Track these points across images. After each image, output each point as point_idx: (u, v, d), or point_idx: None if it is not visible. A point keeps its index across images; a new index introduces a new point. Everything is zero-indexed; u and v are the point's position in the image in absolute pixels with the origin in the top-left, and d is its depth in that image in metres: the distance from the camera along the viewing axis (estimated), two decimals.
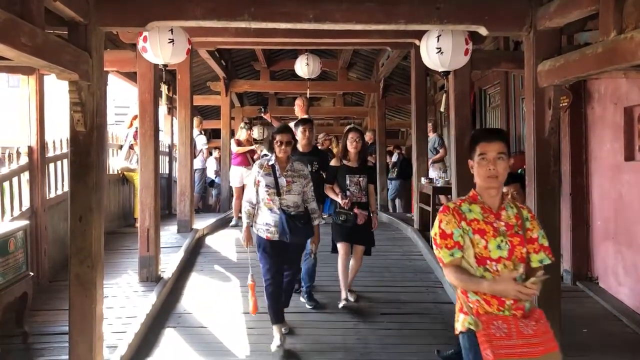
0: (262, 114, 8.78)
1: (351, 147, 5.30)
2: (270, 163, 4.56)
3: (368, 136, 10.36)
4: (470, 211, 2.56)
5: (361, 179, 5.32)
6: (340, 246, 5.31)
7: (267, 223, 4.50)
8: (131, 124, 8.42)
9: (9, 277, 4.32)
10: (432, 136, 9.59)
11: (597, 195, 5.90)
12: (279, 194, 4.47)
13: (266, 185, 4.49)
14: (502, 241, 2.49)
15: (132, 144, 8.30)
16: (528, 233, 2.58)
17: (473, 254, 2.48)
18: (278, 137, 4.51)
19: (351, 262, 5.42)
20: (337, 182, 5.35)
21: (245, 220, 4.62)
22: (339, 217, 5.24)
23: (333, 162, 5.47)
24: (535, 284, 2.35)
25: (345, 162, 5.35)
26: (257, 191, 4.56)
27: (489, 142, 2.56)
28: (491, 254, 2.47)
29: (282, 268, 4.65)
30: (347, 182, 5.28)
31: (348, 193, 5.23)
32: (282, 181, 4.50)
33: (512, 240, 2.51)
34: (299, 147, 5.45)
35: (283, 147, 4.50)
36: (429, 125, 9.60)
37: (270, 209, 4.48)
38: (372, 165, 5.60)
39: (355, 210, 5.17)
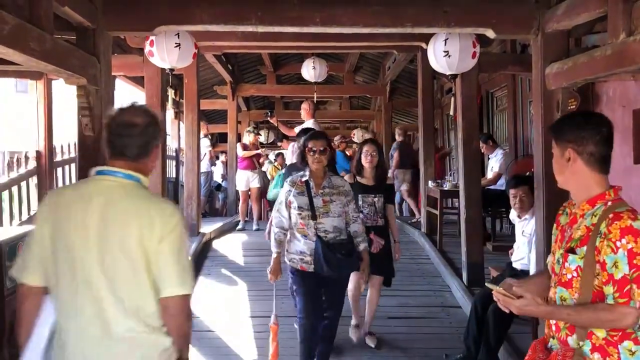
0: (269, 118, 8.79)
1: (366, 162, 4.57)
2: (304, 179, 3.78)
3: (398, 133, 10.01)
4: None
5: (376, 199, 4.54)
6: (350, 277, 4.38)
7: (301, 252, 3.75)
8: None
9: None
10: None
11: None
12: (314, 217, 3.70)
13: (299, 207, 3.72)
14: None
15: None
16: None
17: None
18: (311, 145, 3.75)
19: (367, 294, 4.73)
20: None
21: (274, 249, 3.82)
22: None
23: (346, 179, 4.51)
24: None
25: (359, 178, 4.61)
26: (289, 215, 3.79)
27: None
28: None
29: (320, 306, 3.90)
30: (360, 202, 4.49)
31: (361, 215, 4.23)
32: (318, 201, 3.74)
33: None
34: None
35: (317, 156, 3.71)
36: (398, 131, 9.73)
37: (305, 236, 3.73)
38: (391, 184, 4.86)
39: (371, 236, 4.28)
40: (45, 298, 1.94)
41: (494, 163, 7.53)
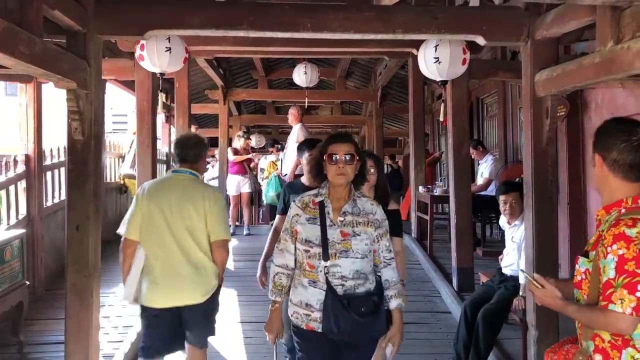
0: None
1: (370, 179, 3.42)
2: (319, 199, 2.72)
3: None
4: None
5: None
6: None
7: (307, 304, 2.67)
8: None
9: (5, 286, 4.30)
10: None
11: (594, 205, 5.90)
12: (326, 256, 2.61)
13: (306, 241, 2.66)
14: None
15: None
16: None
17: None
18: (333, 149, 2.68)
19: None
20: None
21: (273, 297, 2.78)
22: None
23: None
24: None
25: None
26: (295, 248, 2.74)
27: None
28: None
29: None
30: None
31: None
32: (335, 234, 2.65)
33: None
34: (305, 179, 3.90)
35: (341, 166, 2.65)
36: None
37: (314, 282, 2.64)
38: (396, 209, 3.61)
39: None
40: (138, 247, 3.31)
41: (484, 169, 7.57)
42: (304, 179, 3.89)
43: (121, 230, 3.34)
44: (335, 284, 2.60)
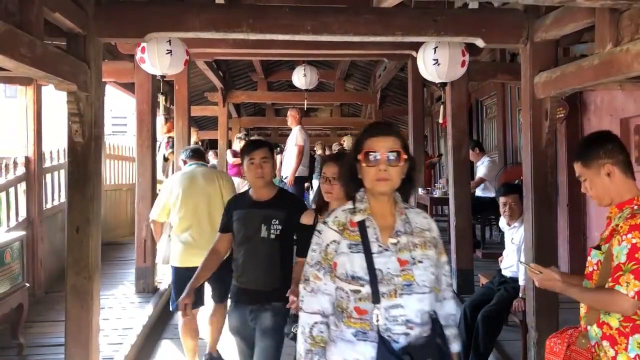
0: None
1: (327, 194, 2.92)
2: (359, 218, 2.00)
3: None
4: None
5: None
6: None
7: None
8: (168, 130, 8.14)
9: (5, 288, 4.30)
10: None
11: (593, 206, 5.91)
12: (376, 299, 1.89)
13: (354, 278, 1.92)
14: None
15: (166, 156, 8.22)
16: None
17: None
18: (371, 144, 1.98)
19: None
20: None
21: (303, 353, 1.99)
22: (294, 327, 2.76)
23: (306, 219, 3.07)
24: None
25: (320, 219, 2.67)
26: (334, 289, 1.99)
27: None
28: None
29: None
30: None
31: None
32: (390, 262, 1.93)
33: None
34: (253, 192, 3.31)
35: (382, 168, 1.94)
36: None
37: (364, 334, 1.91)
38: None
39: None
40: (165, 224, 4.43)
41: (480, 170, 7.59)
42: (253, 191, 3.30)
43: (152, 215, 4.48)
44: (398, 332, 1.87)
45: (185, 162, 4.65)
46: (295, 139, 7.89)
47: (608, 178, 2.21)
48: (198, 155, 4.71)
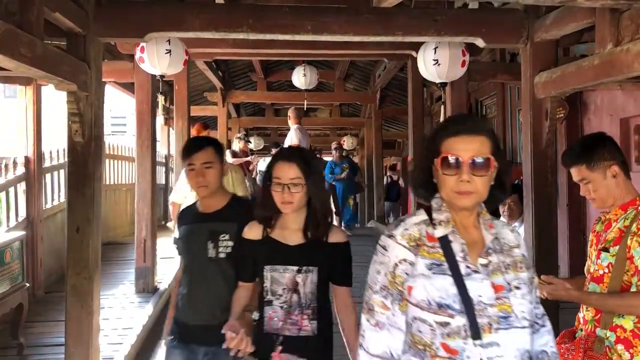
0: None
1: (279, 200, 2.17)
2: (441, 232, 1.58)
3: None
4: None
5: (303, 275, 2.17)
6: None
7: None
8: (197, 131, 8.12)
9: (5, 288, 4.29)
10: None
11: (593, 207, 5.91)
12: (476, 333, 1.47)
13: (440, 306, 1.50)
14: None
15: None
16: None
17: None
18: (450, 145, 1.55)
19: None
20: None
21: None
22: None
23: (251, 233, 2.29)
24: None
25: (270, 232, 2.25)
26: (406, 321, 1.57)
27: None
28: None
29: None
30: (268, 283, 2.19)
31: (269, 312, 2.18)
32: (482, 288, 1.52)
33: None
34: (201, 204, 2.67)
35: (465, 179, 1.52)
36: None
37: None
38: (344, 242, 2.27)
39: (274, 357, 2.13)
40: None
41: None
42: (201, 204, 2.66)
43: (172, 197, 5.07)
44: None
45: None
46: (290, 139, 7.94)
47: (614, 180, 2.19)
48: None
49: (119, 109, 24.74)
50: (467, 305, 1.48)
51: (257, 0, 5.36)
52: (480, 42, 3.97)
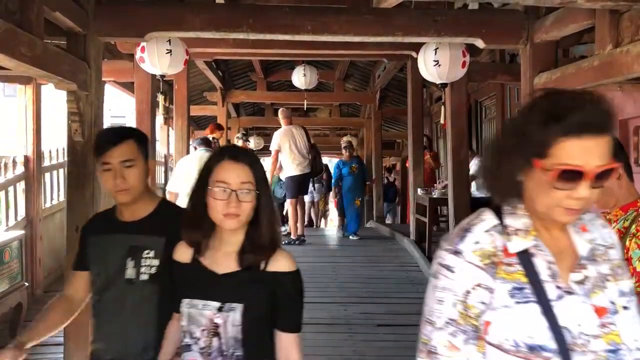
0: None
1: (222, 210, 1.57)
2: (518, 247, 1.17)
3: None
4: None
5: (224, 314, 1.59)
6: None
7: None
8: (211, 132, 8.12)
9: (4, 288, 4.29)
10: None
11: (593, 207, 5.91)
12: None
13: (531, 349, 1.10)
14: None
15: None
16: None
17: None
18: (569, 150, 1.09)
19: None
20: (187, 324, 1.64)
21: None
22: None
23: (181, 254, 1.70)
24: None
25: (201, 259, 1.66)
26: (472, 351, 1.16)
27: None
28: None
29: None
30: (185, 322, 1.63)
31: (186, 357, 1.63)
32: (582, 314, 1.13)
33: None
34: (118, 209, 2.07)
35: (583, 196, 1.12)
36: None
37: None
38: (293, 271, 1.64)
39: None
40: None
41: (472, 169, 7.62)
42: (120, 211, 2.04)
43: (169, 187, 5.75)
44: None
45: (195, 148, 5.98)
46: (293, 139, 7.94)
47: (617, 181, 2.18)
48: (206, 143, 5.99)
49: (119, 108, 24.71)
50: (561, 343, 1.09)
51: (257, 0, 5.36)
52: (480, 43, 3.98)
